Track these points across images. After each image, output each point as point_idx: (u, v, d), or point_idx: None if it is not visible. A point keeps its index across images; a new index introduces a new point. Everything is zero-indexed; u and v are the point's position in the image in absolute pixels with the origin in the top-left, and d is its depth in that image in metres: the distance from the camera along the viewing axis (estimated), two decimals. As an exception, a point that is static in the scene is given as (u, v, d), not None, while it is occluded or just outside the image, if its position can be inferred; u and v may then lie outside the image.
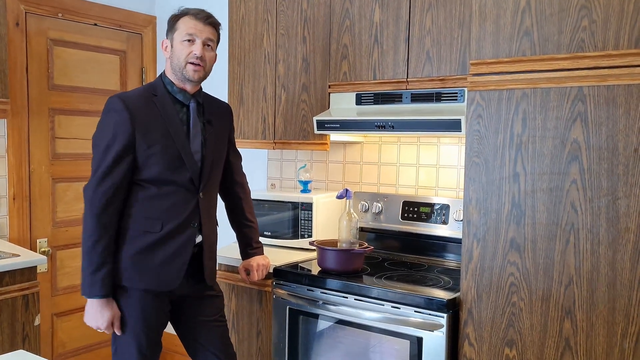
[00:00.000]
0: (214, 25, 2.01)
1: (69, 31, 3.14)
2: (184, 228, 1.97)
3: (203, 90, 2.10)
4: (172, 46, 1.98)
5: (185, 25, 1.95)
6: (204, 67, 1.98)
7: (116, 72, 3.39)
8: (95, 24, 3.25)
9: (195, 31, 1.95)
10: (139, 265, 1.92)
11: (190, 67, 1.95)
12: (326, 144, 2.59)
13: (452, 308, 1.92)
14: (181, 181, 1.95)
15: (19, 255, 2.46)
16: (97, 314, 1.88)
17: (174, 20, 1.98)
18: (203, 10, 1.99)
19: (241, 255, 2.32)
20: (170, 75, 2.00)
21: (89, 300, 1.89)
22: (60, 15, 3.07)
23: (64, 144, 3.15)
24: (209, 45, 1.99)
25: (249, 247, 2.30)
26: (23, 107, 2.94)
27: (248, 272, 2.30)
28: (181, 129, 1.96)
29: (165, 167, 1.92)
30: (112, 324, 1.91)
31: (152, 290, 1.95)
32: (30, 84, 2.98)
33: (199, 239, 2.03)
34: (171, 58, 1.98)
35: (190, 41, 1.95)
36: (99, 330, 1.91)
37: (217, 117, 2.12)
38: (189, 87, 2.00)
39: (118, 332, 1.92)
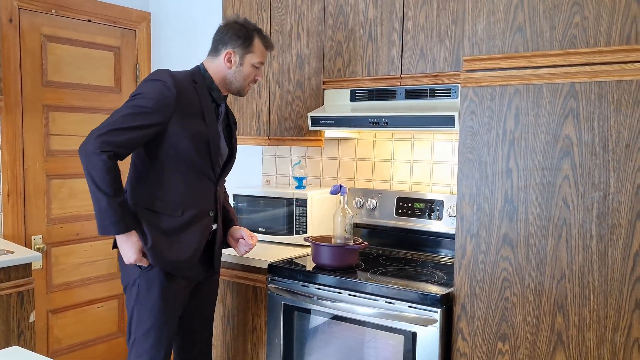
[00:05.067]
0: None
1: (63, 27, 3.13)
2: (202, 215, 2.04)
3: None
4: (240, 63, 2.07)
5: (261, 52, 2.11)
6: None
7: (110, 69, 3.37)
8: (89, 20, 3.24)
9: (265, 60, 2.13)
10: (160, 247, 1.96)
11: (247, 88, 2.12)
12: (320, 140, 2.60)
13: (446, 303, 1.93)
14: (205, 168, 2.02)
15: (13, 252, 2.46)
16: (125, 250, 1.89)
17: (248, 38, 2.07)
18: (270, 38, 2.17)
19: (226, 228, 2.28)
20: (213, 75, 2.08)
21: (118, 241, 1.89)
22: (53, 11, 3.06)
23: (58, 141, 3.14)
24: None
25: (233, 220, 2.29)
26: (17, 103, 2.93)
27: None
28: (214, 120, 2.05)
29: (194, 149, 1.97)
30: (142, 254, 1.92)
31: (170, 273, 2.00)
32: (24, 81, 2.97)
33: (214, 227, 2.12)
34: (234, 72, 2.07)
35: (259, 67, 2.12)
36: (135, 263, 1.91)
37: (233, 122, 2.25)
38: (225, 92, 2.13)
39: (145, 264, 1.93)
